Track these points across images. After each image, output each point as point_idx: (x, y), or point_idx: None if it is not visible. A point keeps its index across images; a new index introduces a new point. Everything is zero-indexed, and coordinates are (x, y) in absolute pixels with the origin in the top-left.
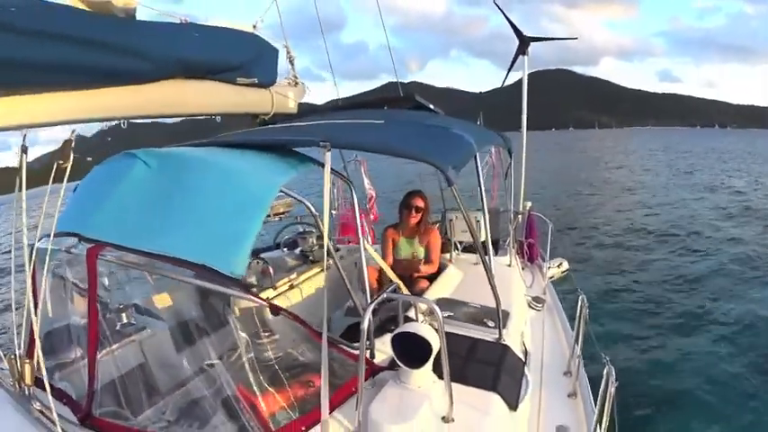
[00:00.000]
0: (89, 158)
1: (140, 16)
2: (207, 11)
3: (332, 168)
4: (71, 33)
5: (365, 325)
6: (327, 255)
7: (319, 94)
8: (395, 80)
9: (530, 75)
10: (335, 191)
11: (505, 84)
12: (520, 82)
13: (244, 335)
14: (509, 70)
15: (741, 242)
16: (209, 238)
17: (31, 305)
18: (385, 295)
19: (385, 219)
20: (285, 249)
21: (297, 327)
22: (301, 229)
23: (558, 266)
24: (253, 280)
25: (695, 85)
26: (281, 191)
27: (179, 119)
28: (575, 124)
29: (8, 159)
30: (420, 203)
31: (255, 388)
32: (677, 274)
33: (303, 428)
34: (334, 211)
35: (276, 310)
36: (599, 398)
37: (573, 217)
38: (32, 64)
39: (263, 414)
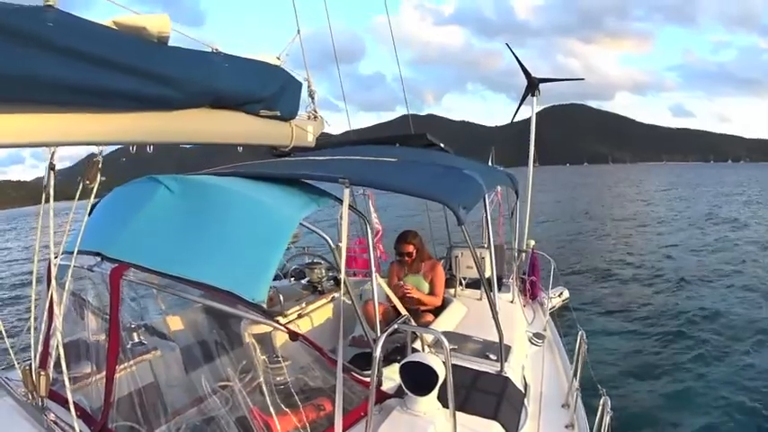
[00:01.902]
0: (103, 178)
1: (172, 41)
2: (229, 38)
3: (350, 205)
4: (105, 55)
5: (377, 353)
6: (342, 286)
7: (335, 123)
8: (411, 112)
9: (545, 109)
10: (342, 224)
11: (517, 120)
12: (535, 117)
13: (260, 357)
14: (517, 110)
15: (744, 278)
16: (233, 266)
17: (45, 318)
18: (396, 326)
19: (391, 254)
20: (292, 279)
21: (312, 352)
22: (308, 260)
23: (560, 295)
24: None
25: (708, 119)
26: (300, 223)
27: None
28: (589, 159)
29: (19, 173)
30: (408, 249)
31: (269, 409)
32: (681, 310)
33: None
34: (340, 244)
35: (295, 335)
36: (594, 427)
37: (580, 251)
38: (64, 83)
39: None
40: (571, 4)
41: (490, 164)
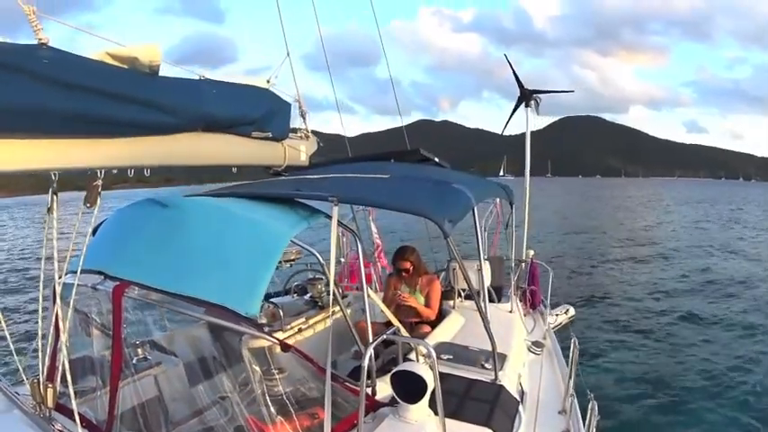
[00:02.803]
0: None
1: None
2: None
3: (339, 221)
4: (100, 87)
5: (365, 362)
6: (334, 301)
7: (350, 125)
8: (426, 118)
9: (559, 120)
10: (344, 240)
11: (531, 131)
12: (548, 128)
13: (256, 369)
14: (508, 121)
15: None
16: (227, 282)
17: (53, 334)
18: (385, 336)
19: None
20: (295, 295)
21: (304, 363)
22: (311, 276)
23: (566, 313)
24: (264, 322)
25: (721, 135)
26: (292, 240)
27: None
28: (602, 172)
29: None
30: (405, 265)
31: (265, 419)
32: (685, 323)
33: None
34: (342, 259)
35: (286, 347)
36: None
37: (584, 262)
38: (63, 113)
39: None
40: (588, 17)
41: (502, 172)
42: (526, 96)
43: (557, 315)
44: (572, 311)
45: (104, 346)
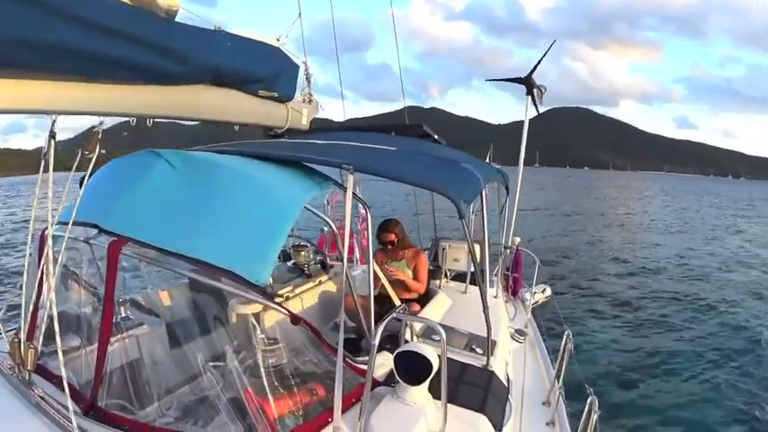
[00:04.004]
0: (103, 151)
1: (179, 18)
2: (236, 17)
3: (352, 192)
4: (114, 26)
5: (376, 341)
6: (344, 277)
7: (339, 110)
8: (415, 104)
9: (549, 111)
10: (330, 209)
11: (518, 121)
12: (538, 118)
13: (256, 337)
14: (502, 80)
15: (735, 286)
16: (236, 246)
17: (35, 289)
18: (394, 315)
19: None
20: (278, 261)
21: (311, 337)
22: (296, 242)
23: (542, 292)
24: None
25: (711, 133)
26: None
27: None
28: (590, 164)
29: (20, 142)
30: (390, 237)
31: (263, 391)
32: (671, 313)
33: None
34: (325, 228)
35: (296, 318)
36: (581, 426)
37: (570, 249)
38: (69, 51)
39: (270, 416)
40: (582, 9)
41: (487, 160)
42: (530, 84)
43: (534, 293)
44: (549, 291)
45: (88, 303)
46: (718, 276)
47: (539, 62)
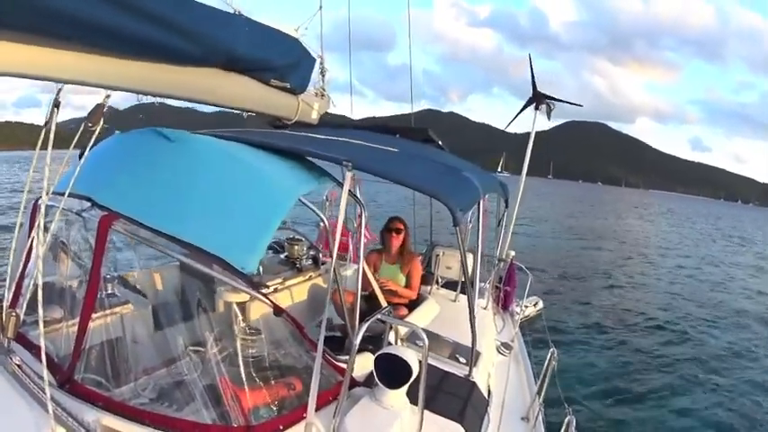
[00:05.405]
0: (117, 131)
1: None
2: (256, 4)
3: (349, 189)
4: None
5: (357, 341)
6: (331, 273)
7: (358, 108)
8: (434, 107)
9: (565, 123)
10: (328, 205)
11: (537, 131)
12: (553, 130)
13: (237, 326)
14: (516, 116)
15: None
16: (226, 232)
17: (23, 257)
18: (379, 316)
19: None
20: (270, 252)
21: (292, 330)
22: (291, 236)
23: (534, 305)
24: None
25: (724, 156)
26: (300, 200)
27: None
28: (603, 179)
29: (34, 117)
30: (401, 226)
31: (239, 380)
32: (660, 339)
33: (281, 427)
34: (321, 224)
35: (279, 310)
36: None
37: (569, 264)
38: (84, 20)
39: (244, 406)
40: (603, 24)
41: (500, 169)
42: (538, 98)
43: (525, 307)
44: (541, 304)
45: (74, 276)
46: (725, 303)
47: (533, 77)
